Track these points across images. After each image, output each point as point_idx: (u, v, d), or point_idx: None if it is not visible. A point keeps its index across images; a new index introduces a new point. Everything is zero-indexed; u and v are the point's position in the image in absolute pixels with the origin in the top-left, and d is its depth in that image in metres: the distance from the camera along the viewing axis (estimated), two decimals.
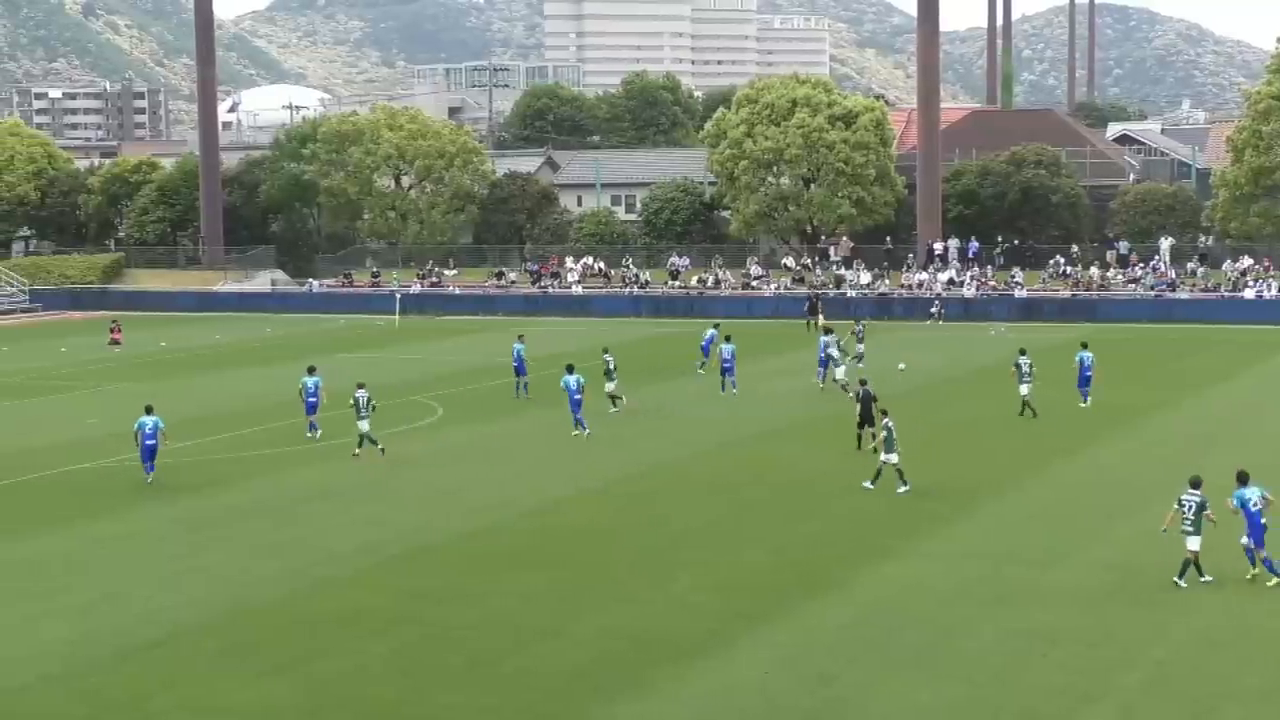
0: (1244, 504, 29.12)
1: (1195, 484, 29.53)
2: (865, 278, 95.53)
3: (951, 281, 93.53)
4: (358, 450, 43.88)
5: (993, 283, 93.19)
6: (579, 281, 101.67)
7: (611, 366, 51.73)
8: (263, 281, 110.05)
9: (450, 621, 27.81)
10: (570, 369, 48.23)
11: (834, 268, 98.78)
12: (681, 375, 62.07)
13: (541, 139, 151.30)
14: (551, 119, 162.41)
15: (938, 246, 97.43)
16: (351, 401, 44.05)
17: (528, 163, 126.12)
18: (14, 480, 42.44)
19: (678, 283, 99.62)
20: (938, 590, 29.26)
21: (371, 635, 27.07)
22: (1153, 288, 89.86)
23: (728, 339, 57.84)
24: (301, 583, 30.72)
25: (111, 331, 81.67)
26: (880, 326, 79.50)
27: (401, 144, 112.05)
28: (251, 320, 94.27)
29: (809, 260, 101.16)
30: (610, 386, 51.37)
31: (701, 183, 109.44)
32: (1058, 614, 27.55)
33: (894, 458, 37.66)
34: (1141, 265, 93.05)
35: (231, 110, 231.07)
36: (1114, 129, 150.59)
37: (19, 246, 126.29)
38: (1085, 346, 53.94)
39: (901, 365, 57.41)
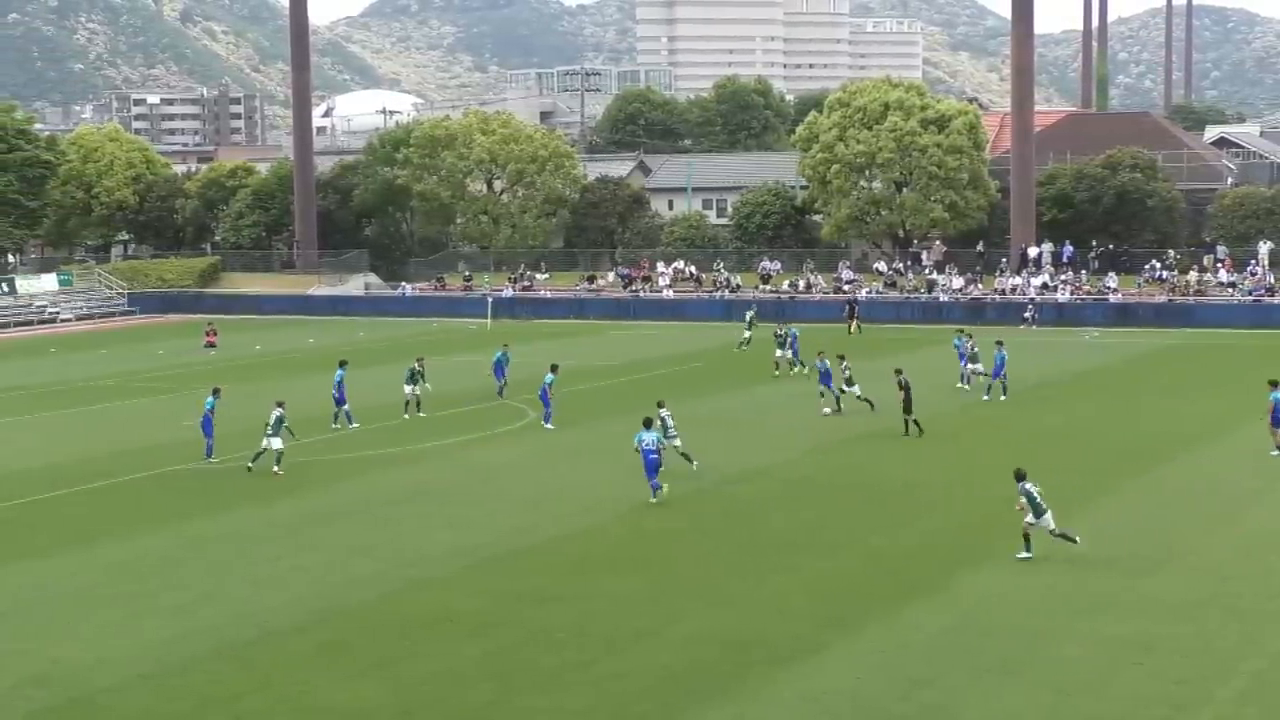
0: None
1: (1021, 476, 31.86)
2: (958, 282, 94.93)
3: (1045, 286, 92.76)
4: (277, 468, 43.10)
5: (1087, 287, 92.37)
6: (670, 285, 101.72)
7: (670, 423, 42.19)
8: (356, 285, 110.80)
9: (543, 624, 27.90)
10: (648, 423, 39.94)
11: (926, 272, 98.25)
12: (773, 379, 62.01)
13: (633, 143, 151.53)
14: (643, 123, 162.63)
15: (1031, 251, 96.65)
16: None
17: (619, 167, 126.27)
18: (113, 481, 43.03)
19: (768, 287, 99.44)
20: (1031, 597, 29.05)
21: (464, 637, 27.22)
22: (1250, 292, 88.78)
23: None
24: (395, 584, 30.93)
25: (207, 334, 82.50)
26: (971, 331, 79.04)
27: (494, 148, 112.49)
28: (344, 324, 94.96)
29: (901, 264, 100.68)
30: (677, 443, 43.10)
31: (793, 186, 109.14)
32: (1152, 622, 27.29)
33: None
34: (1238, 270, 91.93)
35: (326, 115, 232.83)
36: (1211, 132, 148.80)
37: (118, 250, 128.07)
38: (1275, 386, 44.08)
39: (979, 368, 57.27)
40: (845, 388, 52.31)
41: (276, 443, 43.04)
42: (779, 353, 63.56)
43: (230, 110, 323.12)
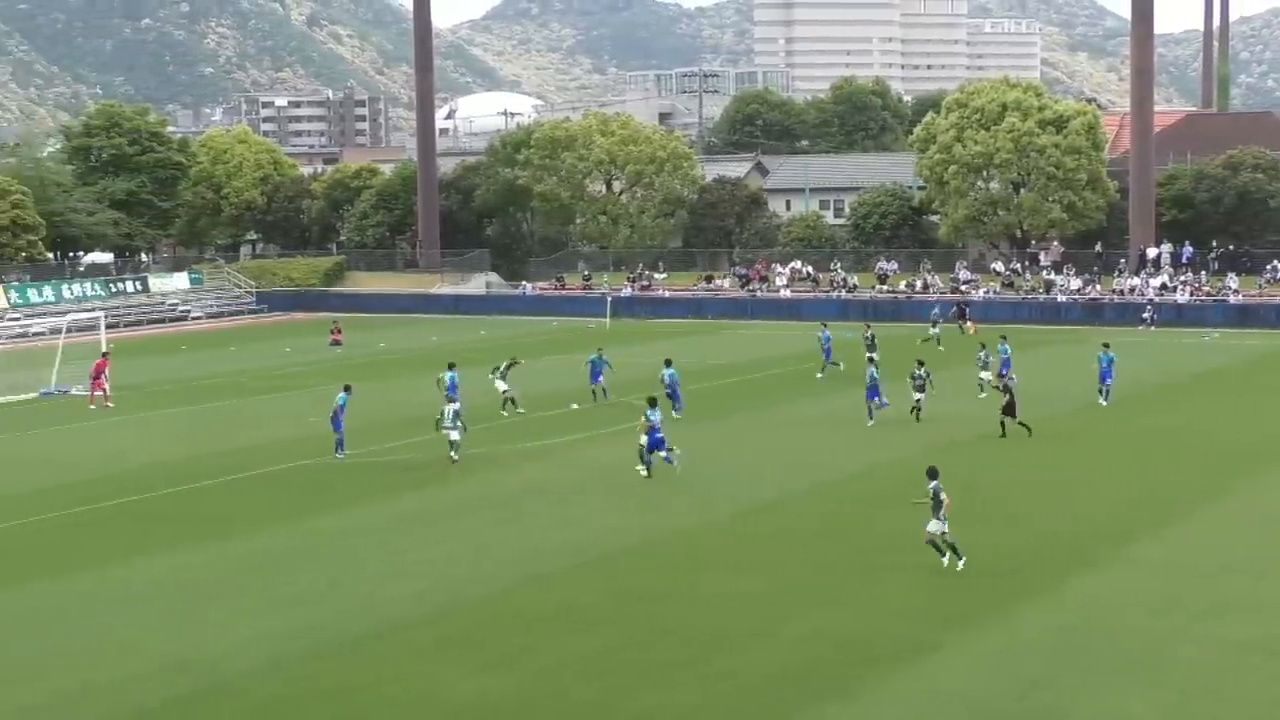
0: None
1: (933, 474, 30.88)
2: (1075, 283, 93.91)
3: (1164, 287, 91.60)
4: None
5: (1207, 289, 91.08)
6: (787, 285, 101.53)
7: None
8: (478, 284, 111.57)
9: (659, 621, 27.96)
10: (653, 402, 42.59)
11: (1044, 272, 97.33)
12: (888, 379, 61.64)
13: (751, 144, 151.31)
14: (761, 124, 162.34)
15: (1150, 251, 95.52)
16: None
17: (737, 168, 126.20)
18: (242, 475, 43.63)
19: (885, 286, 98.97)
20: (1149, 598, 28.71)
21: (582, 632, 27.36)
22: None
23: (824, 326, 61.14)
24: (516, 579, 31.13)
25: (333, 332, 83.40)
26: (1089, 332, 78.35)
27: (613, 149, 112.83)
28: (466, 322, 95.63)
29: (1018, 265, 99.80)
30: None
31: (910, 187, 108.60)
32: (1273, 625, 26.86)
33: None
34: None
35: (448, 117, 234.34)
36: None
37: (246, 250, 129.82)
38: None
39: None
40: (919, 392, 50.45)
41: (455, 434, 44.36)
42: (871, 354, 61.22)
43: (355, 112, 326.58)
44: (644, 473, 41.28)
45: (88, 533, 36.63)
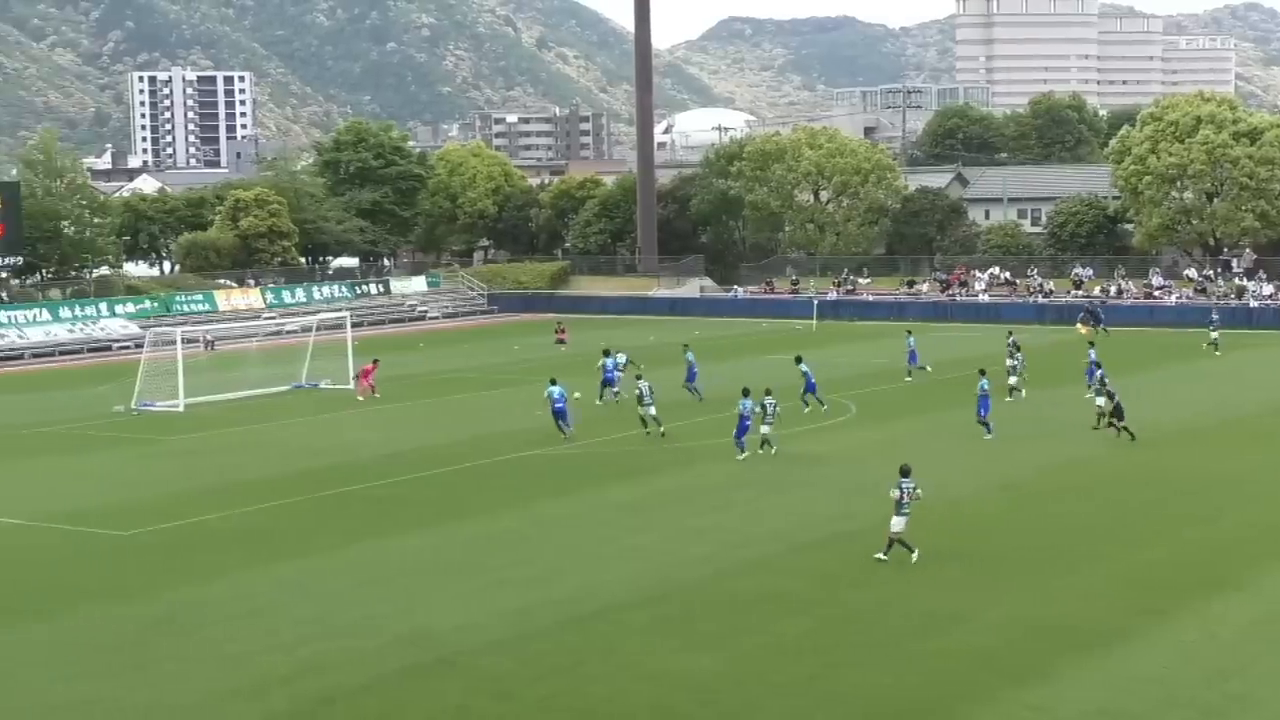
0: None
1: (905, 472, 30.82)
2: (1268, 289, 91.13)
3: None
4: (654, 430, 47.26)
5: None
6: (985, 290, 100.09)
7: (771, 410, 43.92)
8: (692, 288, 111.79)
9: (862, 604, 27.71)
10: (746, 392, 43.57)
11: (1236, 279, 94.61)
12: (1081, 379, 60.42)
13: (951, 156, 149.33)
14: (961, 137, 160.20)
15: None
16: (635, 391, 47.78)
17: (938, 178, 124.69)
18: (472, 464, 44.22)
19: (1080, 291, 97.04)
20: None
21: (788, 614, 27.20)
22: None
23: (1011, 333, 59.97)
24: (725, 564, 31.07)
25: (558, 332, 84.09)
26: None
27: (820, 161, 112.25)
28: (681, 323, 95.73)
29: (1211, 272, 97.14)
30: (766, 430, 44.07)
31: (1105, 197, 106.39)
32: None
33: None
34: None
35: (666, 132, 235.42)
36: None
37: (479, 255, 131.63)
38: None
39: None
40: (1103, 399, 47.14)
41: (653, 409, 47.22)
42: (1009, 362, 57.07)
43: (580, 128, 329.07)
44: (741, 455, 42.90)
45: (334, 515, 37.42)
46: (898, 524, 30.58)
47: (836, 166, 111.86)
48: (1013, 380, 54.63)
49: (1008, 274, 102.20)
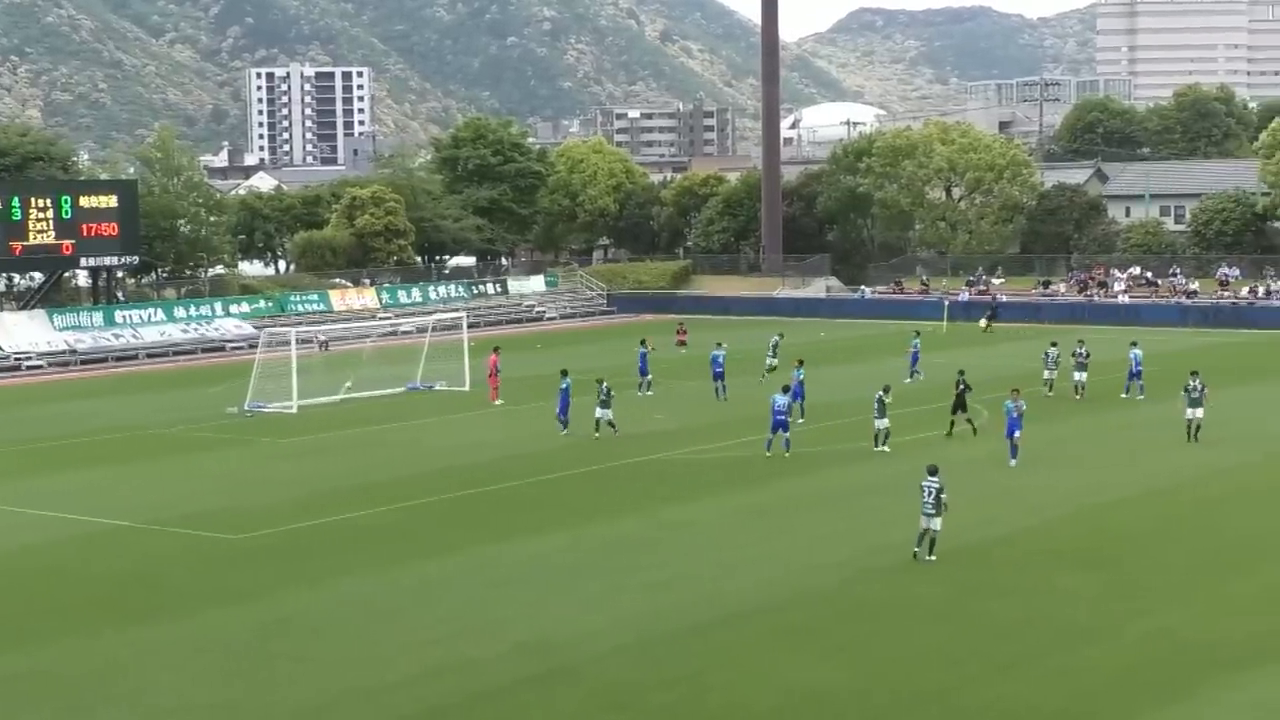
0: None
1: (932, 471, 31.29)
2: None
3: None
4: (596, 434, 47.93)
5: None
6: (1125, 291, 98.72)
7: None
8: (818, 288, 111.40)
9: (999, 616, 27.52)
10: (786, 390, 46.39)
11: None
12: (1245, 382, 59.52)
13: (1091, 151, 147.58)
14: (1101, 132, 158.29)
15: None
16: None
17: (1076, 175, 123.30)
18: (595, 468, 44.44)
19: (1227, 292, 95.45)
20: None
21: (920, 624, 27.09)
22: None
23: (1134, 344, 57.81)
24: (855, 571, 31.01)
25: (678, 333, 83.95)
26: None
27: (953, 157, 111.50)
28: (806, 324, 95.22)
29: None
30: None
31: (1253, 193, 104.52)
32: None
33: None
34: None
35: (793, 127, 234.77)
36: None
37: (599, 254, 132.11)
38: None
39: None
40: (1193, 408, 46.00)
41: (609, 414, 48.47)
42: (1076, 375, 56.98)
43: (703, 123, 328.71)
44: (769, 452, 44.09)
45: (460, 517, 37.82)
46: (926, 522, 31.35)
47: (970, 162, 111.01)
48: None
49: (1149, 274, 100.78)
